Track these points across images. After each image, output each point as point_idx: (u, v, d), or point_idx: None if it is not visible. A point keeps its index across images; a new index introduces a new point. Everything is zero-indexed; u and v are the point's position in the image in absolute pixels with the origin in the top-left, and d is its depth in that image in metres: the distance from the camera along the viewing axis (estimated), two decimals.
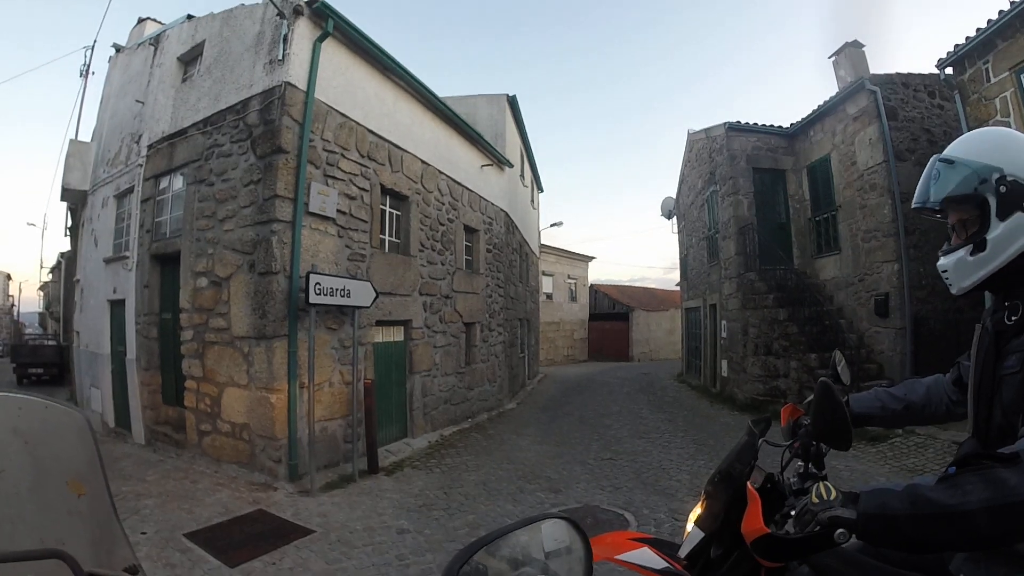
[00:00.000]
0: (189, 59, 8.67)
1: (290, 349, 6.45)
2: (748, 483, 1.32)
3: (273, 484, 6.21)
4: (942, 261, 1.47)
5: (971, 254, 1.38)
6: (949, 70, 9.06)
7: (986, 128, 1.49)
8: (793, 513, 1.19)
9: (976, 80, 8.60)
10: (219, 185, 7.26)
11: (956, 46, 8.70)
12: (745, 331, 12.12)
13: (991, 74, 8.34)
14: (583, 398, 14.98)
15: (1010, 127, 8.00)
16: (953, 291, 1.48)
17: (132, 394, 8.61)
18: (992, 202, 1.34)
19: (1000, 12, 7.89)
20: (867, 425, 1.79)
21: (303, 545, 4.64)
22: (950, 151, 1.45)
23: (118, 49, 11.26)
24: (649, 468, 7.29)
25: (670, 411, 12.41)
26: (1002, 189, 1.33)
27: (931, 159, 1.50)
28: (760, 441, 1.50)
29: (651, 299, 36.08)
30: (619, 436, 9.64)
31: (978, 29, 8.28)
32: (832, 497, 1.11)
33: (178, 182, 8.20)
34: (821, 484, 1.16)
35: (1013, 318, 1.36)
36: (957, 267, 1.43)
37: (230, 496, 5.82)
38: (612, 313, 33.55)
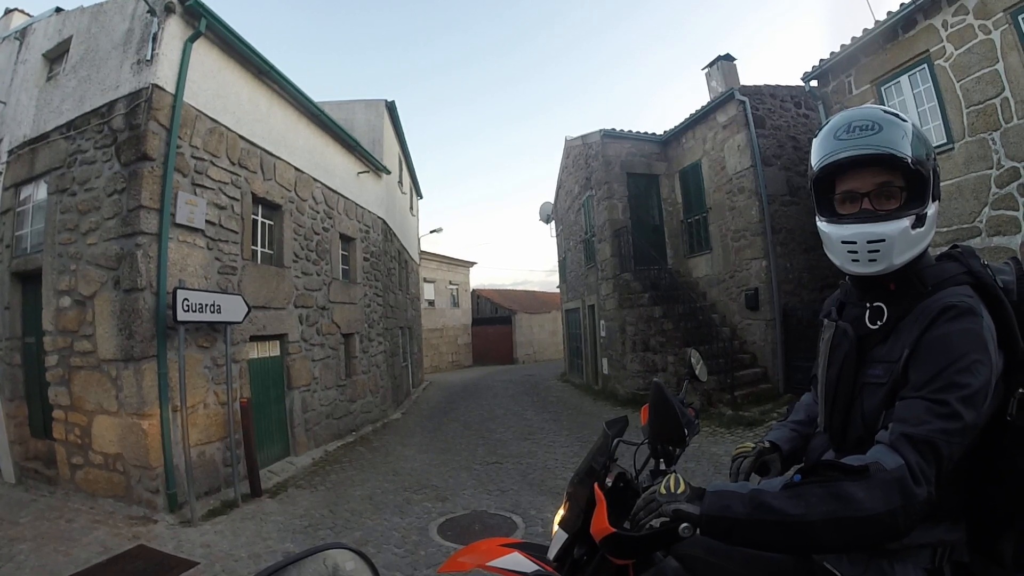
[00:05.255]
0: (55, 56, 7.89)
1: (160, 371, 6.07)
2: (595, 484, 1.33)
3: (152, 516, 5.85)
4: (879, 228, 1.18)
5: (913, 227, 1.18)
6: (814, 82, 9.76)
7: None
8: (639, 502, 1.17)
9: (839, 92, 9.28)
10: (82, 195, 6.69)
11: (821, 60, 9.38)
12: (623, 329, 12.40)
13: (853, 86, 9.00)
14: (468, 403, 14.85)
15: None
16: (877, 268, 1.21)
17: None
18: (931, 179, 1.20)
19: (864, 30, 8.51)
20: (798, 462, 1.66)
21: None
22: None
23: None
24: (535, 469, 7.42)
25: (554, 411, 12.52)
26: (937, 170, 1.22)
27: (848, 111, 1.30)
28: (615, 441, 1.51)
29: (533, 301, 36.36)
30: (504, 439, 9.66)
31: (842, 45, 8.93)
32: (680, 491, 1.11)
33: (41, 192, 7.42)
34: (672, 476, 1.15)
35: (878, 322, 1.26)
36: (903, 237, 1.17)
37: (108, 533, 5.42)
38: (495, 317, 33.35)
